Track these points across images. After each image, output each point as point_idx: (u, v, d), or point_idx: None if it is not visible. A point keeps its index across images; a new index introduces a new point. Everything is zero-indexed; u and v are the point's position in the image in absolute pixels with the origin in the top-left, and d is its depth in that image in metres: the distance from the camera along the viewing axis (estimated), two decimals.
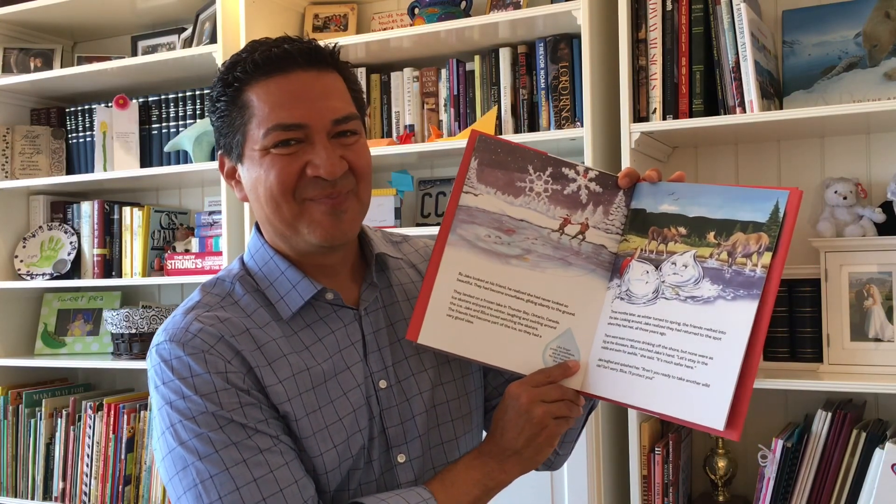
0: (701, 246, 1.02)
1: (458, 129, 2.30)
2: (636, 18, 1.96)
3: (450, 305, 1.07)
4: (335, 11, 2.53)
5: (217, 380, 1.00)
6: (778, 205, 0.97)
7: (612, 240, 1.09)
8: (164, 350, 1.03)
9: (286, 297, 1.09)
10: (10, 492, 2.71)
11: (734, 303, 0.97)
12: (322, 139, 1.04)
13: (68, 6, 2.67)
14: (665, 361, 1.00)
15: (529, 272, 1.08)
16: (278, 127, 1.03)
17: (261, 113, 1.04)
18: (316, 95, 1.04)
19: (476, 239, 1.08)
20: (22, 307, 2.86)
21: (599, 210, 1.09)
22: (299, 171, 1.04)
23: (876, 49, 1.93)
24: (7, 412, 2.73)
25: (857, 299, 1.85)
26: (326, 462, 1.04)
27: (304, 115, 1.03)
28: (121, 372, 2.87)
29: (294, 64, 1.04)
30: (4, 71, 2.80)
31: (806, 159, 2.08)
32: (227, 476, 0.97)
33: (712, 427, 0.95)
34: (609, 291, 1.08)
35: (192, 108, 2.63)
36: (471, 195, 1.09)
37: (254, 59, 1.04)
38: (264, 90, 1.04)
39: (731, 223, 1.00)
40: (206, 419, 0.99)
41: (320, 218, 1.05)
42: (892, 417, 1.92)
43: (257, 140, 1.04)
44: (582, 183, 1.10)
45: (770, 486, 1.79)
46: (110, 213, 2.75)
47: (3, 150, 2.79)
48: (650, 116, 1.94)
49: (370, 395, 1.10)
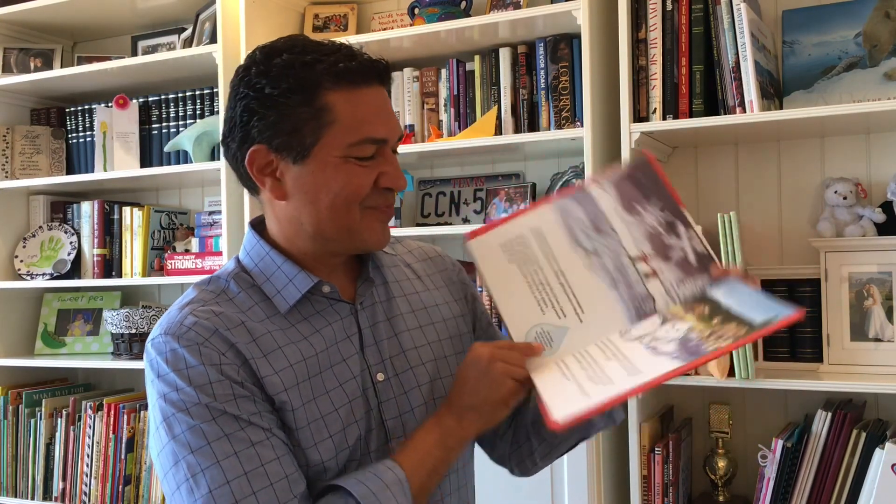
0: (703, 322, 1.05)
1: (458, 129, 2.30)
2: (636, 18, 1.96)
3: (509, 240, 1.16)
4: (335, 11, 2.53)
5: (211, 371, 1.01)
6: (776, 317, 0.98)
7: (664, 299, 1.11)
8: (160, 343, 1.04)
9: (283, 290, 1.11)
10: (10, 492, 2.71)
11: (668, 359, 1.00)
12: (391, 153, 1.11)
13: (68, 6, 2.67)
14: (586, 372, 1.04)
15: (582, 267, 1.13)
16: (368, 140, 1.07)
17: (348, 122, 1.06)
18: (390, 112, 1.11)
19: (571, 216, 1.15)
20: (22, 307, 2.86)
21: (678, 274, 1.11)
22: (374, 181, 1.09)
23: (876, 49, 1.93)
24: (7, 412, 2.73)
25: (857, 299, 1.85)
26: (322, 452, 1.05)
27: (387, 132, 1.09)
28: (121, 372, 2.87)
29: (375, 79, 1.09)
30: (4, 71, 2.80)
31: (806, 159, 2.08)
32: (218, 469, 0.98)
33: (549, 416, 0.98)
34: (620, 330, 1.10)
35: (192, 108, 2.63)
36: (597, 188, 1.15)
37: (340, 65, 1.05)
38: (350, 100, 1.06)
39: (736, 316, 1.03)
40: (199, 411, 1.00)
41: (377, 227, 1.12)
42: (892, 417, 1.92)
43: (338, 147, 1.06)
44: (684, 245, 1.12)
45: (770, 486, 1.79)
46: (110, 213, 2.75)
47: (3, 150, 2.79)
48: (650, 116, 1.94)
49: (367, 388, 1.11)
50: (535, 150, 2.27)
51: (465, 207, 2.40)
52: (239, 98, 1.08)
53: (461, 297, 1.28)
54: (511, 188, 2.31)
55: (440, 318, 1.22)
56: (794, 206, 2.09)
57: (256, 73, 1.06)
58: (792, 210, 2.09)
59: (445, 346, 1.20)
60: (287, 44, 1.08)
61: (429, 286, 1.25)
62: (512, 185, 2.33)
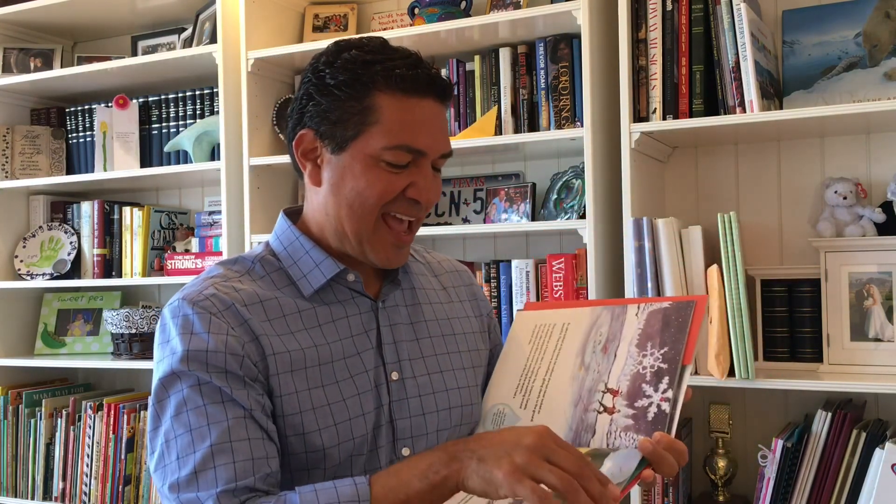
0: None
1: (458, 129, 2.30)
2: (636, 18, 1.96)
3: (542, 325, 1.21)
4: (335, 11, 2.53)
5: (212, 340, 1.02)
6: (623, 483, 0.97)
7: (601, 439, 1.06)
8: (175, 307, 1.07)
9: (308, 274, 1.13)
10: (10, 492, 2.71)
11: None
12: (428, 166, 1.11)
13: (68, 6, 2.67)
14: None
15: (568, 376, 1.13)
16: (404, 148, 1.07)
17: (390, 126, 1.07)
18: (439, 128, 1.11)
19: (597, 327, 1.16)
20: (22, 307, 2.86)
21: (628, 423, 1.05)
22: (402, 189, 1.09)
23: (876, 49, 1.93)
24: (7, 412, 2.72)
25: (857, 299, 1.85)
26: (324, 439, 1.06)
27: (428, 145, 1.09)
28: (121, 372, 2.87)
29: (431, 93, 1.09)
30: (4, 71, 2.80)
31: (806, 159, 2.08)
32: (188, 437, 1.00)
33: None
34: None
35: (192, 108, 2.63)
36: (632, 313, 1.15)
37: (396, 71, 1.07)
38: (399, 106, 1.08)
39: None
40: (187, 379, 1.02)
41: (387, 247, 1.12)
42: (892, 417, 1.92)
43: (374, 147, 1.07)
44: (654, 399, 1.06)
45: (770, 486, 1.79)
46: (110, 213, 2.75)
47: (3, 150, 2.79)
48: (650, 116, 1.94)
49: (380, 384, 1.12)
50: (535, 150, 2.27)
51: (465, 207, 2.40)
52: (304, 82, 1.13)
53: (480, 314, 1.31)
54: (511, 188, 2.31)
55: (461, 330, 1.24)
56: (794, 206, 2.09)
57: (324, 63, 1.10)
58: (792, 210, 2.09)
59: (464, 359, 1.21)
60: (361, 41, 1.12)
61: (453, 298, 1.27)
62: (512, 185, 2.33)
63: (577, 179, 2.17)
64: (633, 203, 1.92)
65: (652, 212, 2.02)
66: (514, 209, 2.28)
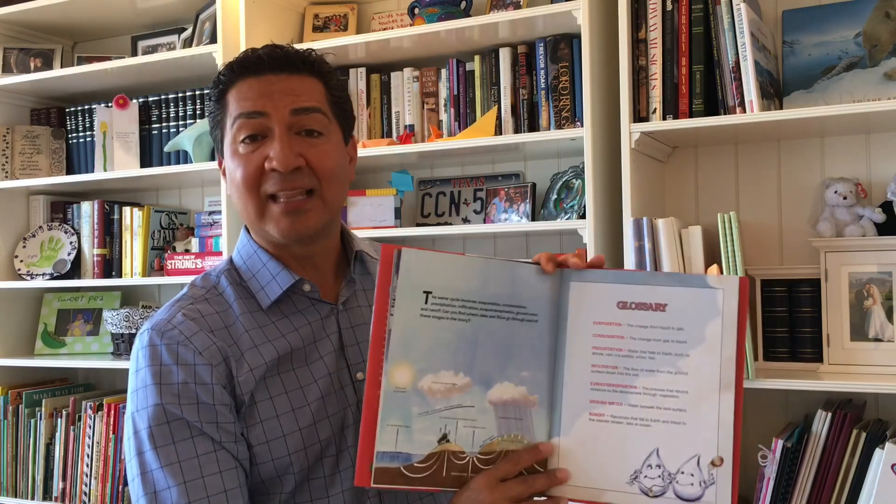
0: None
1: (458, 129, 2.30)
2: (636, 18, 1.96)
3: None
4: (335, 11, 2.53)
5: (181, 372, 1.04)
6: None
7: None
8: (144, 337, 1.09)
9: (266, 286, 1.14)
10: (10, 492, 2.71)
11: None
12: (282, 132, 1.09)
13: (68, 6, 2.67)
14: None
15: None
16: (241, 116, 1.10)
17: (232, 109, 1.11)
18: (280, 91, 1.10)
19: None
20: (22, 307, 2.86)
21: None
22: (260, 165, 1.09)
23: (876, 49, 1.93)
24: (7, 412, 2.72)
25: (857, 299, 1.85)
26: (290, 444, 1.08)
27: (265, 105, 1.09)
28: (121, 372, 2.87)
29: (265, 68, 1.11)
30: (4, 71, 2.80)
31: (806, 159, 2.08)
32: (162, 474, 1.01)
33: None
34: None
35: (192, 108, 2.63)
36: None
37: (233, 63, 1.12)
38: (237, 89, 1.11)
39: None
40: (157, 412, 1.03)
41: (278, 217, 1.11)
42: (892, 417, 1.92)
43: (228, 136, 1.12)
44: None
45: (770, 486, 1.79)
46: (110, 213, 2.75)
47: (3, 150, 2.79)
48: (650, 116, 1.94)
49: (345, 385, 1.13)
50: (535, 150, 2.27)
51: (465, 207, 2.40)
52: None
53: None
54: (511, 188, 2.31)
55: None
56: (794, 206, 2.09)
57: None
58: (792, 210, 2.09)
59: None
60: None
61: None
62: (512, 185, 2.33)
63: (577, 179, 2.17)
64: (633, 203, 1.92)
65: (652, 212, 2.02)
66: (514, 209, 2.28)
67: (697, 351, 1.02)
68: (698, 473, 1.00)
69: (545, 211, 2.22)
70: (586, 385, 1.03)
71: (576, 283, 1.06)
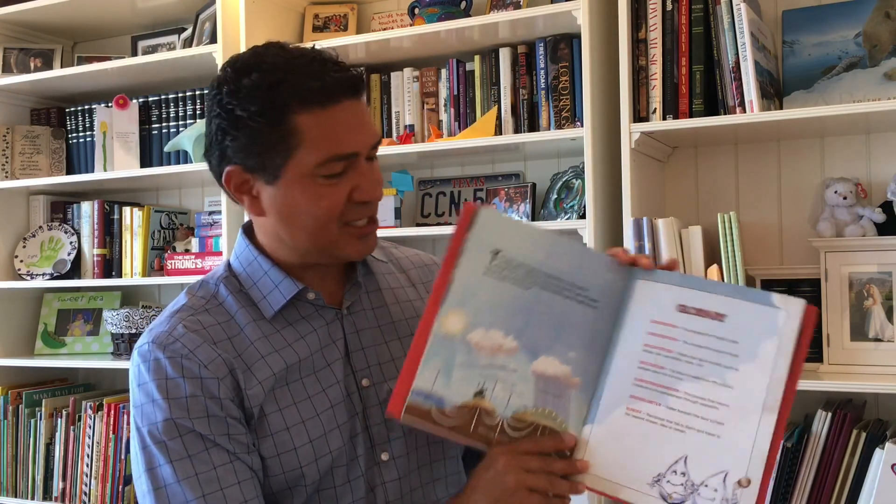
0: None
1: (458, 129, 2.30)
2: (636, 18, 1.96)
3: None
4: (335, 11, 2.53)
5: (188, 385, 1.02)
6: None
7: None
8: (145, 351, 1.06)
9: (269, 296, 1.11)
10: (10, 492, 2.71)
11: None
12: (363, 164, 1.07)
13: (68, 6, 2.67)
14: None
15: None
16: (334, 158, 1.04)
17: (315, 142, 1.04)
18: (361, 123, 1.07)
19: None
20: (22, 307, 2.85)
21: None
22: (347, 197, 1.06)
23: (876, 49, 1.93)
24: (7, 412, 2.72)
25: (857, 299, 1.85)
26: (301, 456, 1.06)
27: (356, 145, 1.06)
28: (121, 372, 2.86)
29: (344, 94, 1.05)
30: (4, 71, 2.80)
31: (806, 159, 2.08)
32: (178, 488, 1.00)
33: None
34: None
35: (192, 108, 2.63)
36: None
37: (304, 87, 1.03)
38: (318, 121, 1.04)
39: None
40: (168, 427, 1.01)
41: (354, 242, 1.09)
42: (892, 417, 1.92)
43: (306, 166, 1.04)
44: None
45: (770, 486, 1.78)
46: (110, 213, 2.75)
47: (3, 150, 2.79)
48: (650, 116, 1.94)
49: (352, 392, 1.11)
50: (535, 150, 2.27)
51: None
52: (213, 116, 1.07)
53: None
54: (511, 188, 2.31)
55: None
56: (794, 206, 2.09)
57: (227, 93, 1.05)
58: (792, 210, 2.09)
59: None
60: (256, 60, 1.05)
61: (422, 294, 1.25)
62: (512, 185, 2.33)
63: (577, 179, 2.17)
64: (633, 203, 1.92)
65: (652, 212, 2.02)
66: (514, 209, 2.28)
67: (747, 367, 1.00)
68: (722, 490, 0.98)
69: (545, 211, 2.22)
70: (630, 379, 1.02)
71: (641, 281, 1.06)
